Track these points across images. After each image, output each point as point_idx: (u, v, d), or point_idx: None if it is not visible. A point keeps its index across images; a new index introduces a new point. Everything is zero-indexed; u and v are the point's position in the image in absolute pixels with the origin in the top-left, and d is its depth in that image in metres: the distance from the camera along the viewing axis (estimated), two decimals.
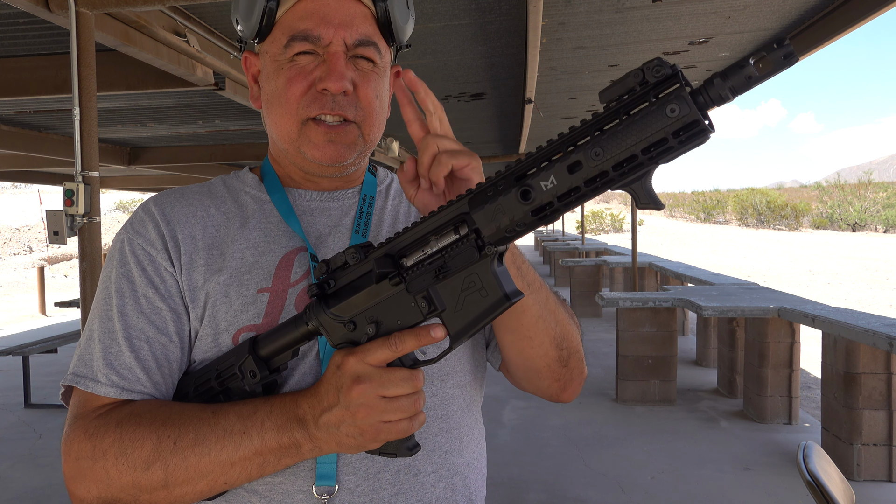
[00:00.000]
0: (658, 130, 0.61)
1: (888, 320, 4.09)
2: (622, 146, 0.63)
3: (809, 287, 16.12)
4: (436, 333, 0.75)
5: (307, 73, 0.90)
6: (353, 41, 0.90)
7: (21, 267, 23.14)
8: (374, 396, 0.75)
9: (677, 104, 0.60)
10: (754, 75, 0.59)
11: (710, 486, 4.07)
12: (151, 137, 7.48)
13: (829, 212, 43.29)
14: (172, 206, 0.94)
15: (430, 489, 0.91)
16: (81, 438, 0.83)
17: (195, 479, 0.81)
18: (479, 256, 0.73)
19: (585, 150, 0.64)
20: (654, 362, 5.79)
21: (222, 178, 1.03)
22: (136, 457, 0.81)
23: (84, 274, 2.96)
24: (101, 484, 0.82)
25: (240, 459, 0.80)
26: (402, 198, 1.07)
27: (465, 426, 0.97)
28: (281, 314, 0.89)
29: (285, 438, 0.79)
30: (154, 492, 0.81)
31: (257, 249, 0.93)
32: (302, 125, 0.91)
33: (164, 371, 0.88)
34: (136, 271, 0.90)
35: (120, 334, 0.88)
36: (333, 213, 0.99)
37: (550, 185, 0.67)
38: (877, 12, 3.70)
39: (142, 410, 0.84)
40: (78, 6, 2.81)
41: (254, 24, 0.91)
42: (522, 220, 0.69)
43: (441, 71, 5.06)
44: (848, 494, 1.79)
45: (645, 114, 0.61)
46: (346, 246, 0.94)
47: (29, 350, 6.20)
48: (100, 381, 0.86)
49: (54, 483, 4.35)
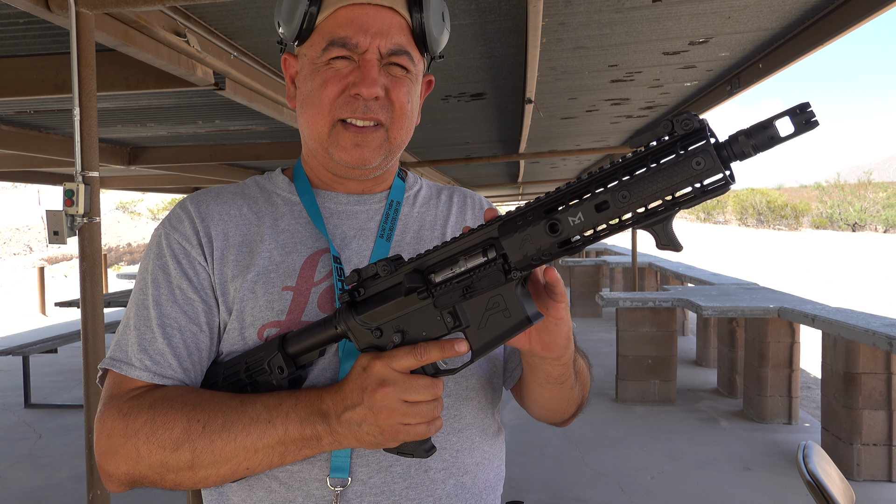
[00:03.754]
0: (683, 180, 0.65)
1: (888, 320, 4.09)
2: (648, 192, 0.67)
3: (809, 287, 16.12)
4: (460, 347, 0.81)
5: (342, 77, 0.94)
6: (387, 50, 0.94)
7: (21, 267, 23.14)
8: (397, 400, 0.80)
9: (703, 158, 0.64)
10: (777, 136, 0.63)
11: (710, 486, 4.07)
12: (151, 137, 7.47)
13: (829, 212, 43.29)
14: (208, 205, 1.00)
15: (440, 485, 0.94)
16: (115, 417, 0.88)
17: (220, 463, 0.85)
18: (505, 280, 0.78)
19: (613, 192, 0.68)
20: (654, 362, 5.79)
21: (255, 178, 1.08)
22: (166, 437, 0.85)
23: (84, 274, 2.96)
24: (130, 461, 0.86)
25: (263, 447, 0.84)
26: (429, 206, 1.10)
27: (478, 426, 1.00)
28: (304, 312, 0.94)
29: (307, 430, 0.84)
30: (180, 472, 0.86)
31: (284, 249, 0.97)
32: (332, 127, 0.95)
33: (193, 359, 0.93)
34: (172, 264, 0.95)
35: (154, 322, 0.93)
36: (360, 216, 1.03)
37: (578, 220, 0.71)
38: (877, 12, 3.70)
39: (174, 395, 0.89)
40: (78, 6, 2.81)
41: (295, 27, 0.95)
42: (549, 250, 0.74)
43: (441, 71, 5.06)
44: (848, 494, 1.79)
45: (672, 163, 0.65)
46: (370, 249, 0.99)
47: (29, 350, 6.20)
48: (134, 365, 0.91)
49: (54, 483, 4.35)
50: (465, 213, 1.11)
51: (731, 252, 27.67)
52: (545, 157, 11.12)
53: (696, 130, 0.65)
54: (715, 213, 49.11)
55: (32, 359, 6.64)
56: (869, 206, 42.62)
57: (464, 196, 1.14)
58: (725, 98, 6.27)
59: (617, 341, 5.91)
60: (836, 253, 27.40)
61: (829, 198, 45.46)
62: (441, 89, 5.71)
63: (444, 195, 1.13)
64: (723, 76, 5.93)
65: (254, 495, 0.93)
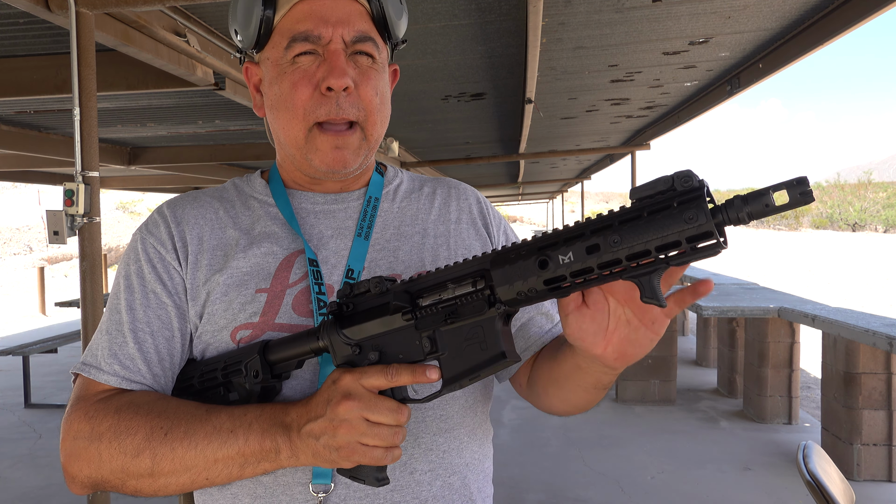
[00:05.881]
0: (674, 232, 0.66)
1: (888, 320, 4.09)
2: (639, 239, 0.67)
3: (809, 287, 16.12)
4: (430, 374, 0.80)
5: (311, 75, 0.92)
6: (350, 38, 0.92)
7: (21, 267, 23.14)
8: (359, 417, 0.78)
9: (696, 213, 0.65)
10: (771, 205, 0.64)
11: (710, 486, 4.07)
12: (151, 137, 7.48)
13: (829, 212, 43.30)
14: (184, 209, 1.00)
15: (426, 487, 0.93)
16: (81, 419, 0.88)
17: (179, 472, 0.84)
18: (487, 310, 0.78)
19: (605, 236, 0.69)
20: (654, 362, 5.79)
21: (234, 181, 1.07)
22: (128, 443, 0.85)
23: (84, 274, 2.96)
24: (93, 464, 0.86)
25: (223, 458, 0.84)
26: (410, 200, 1.06)
27: (466, 426, 0.98)
28: (277, 314, 0.92)
29: (267, 442, 0.83)
30: (140, 479, 0.85)
31: (260, 251, 0.96)
32: (309, 131, 0.93)
33: (164, 364, 0.93)
34: (147, 268, 0.95)
35: (126, 326, 0.92)
36: (338, 215, 1.01)
37: (567, 259, 0.71)
38: (877, 12, 3.70)
39: (140, 401, 0.88)
40: (78, 6, 2.81)
41: (252, 33, 0.93)
42: (535, 287, 0.74)
43: (441, 71, 5.06)
44: (848, 494, 1.79)
45: (665, 215, 0.66)
46: (348, 249, 0.97)
47: (29, 350, 6.20)
48: (103, 369, 0.91)
49: (54, 483, 4.36)
50: (448, 207, 1.07)
51: (732, 252, 27.68)
52: (545, 157, 11.13)
53: (695, 189, 0.66)
54: None
55: (32, 359, 6.64)
56: (869, 206, 42.63)
57: (448, 188, 1.10)
58: (725, 98, 6.28)
59: None
60: (836, 253, 27.40)
61: (829, 198, 45.47)
62: (441, 89, 5.71)
63: (428, 188, 1.09)
64: (723, 76, 5.93)
65: (239, 502, 0.92)
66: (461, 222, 1.06)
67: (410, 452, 0.93)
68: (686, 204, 0.65)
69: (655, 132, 9.25)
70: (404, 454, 0.92)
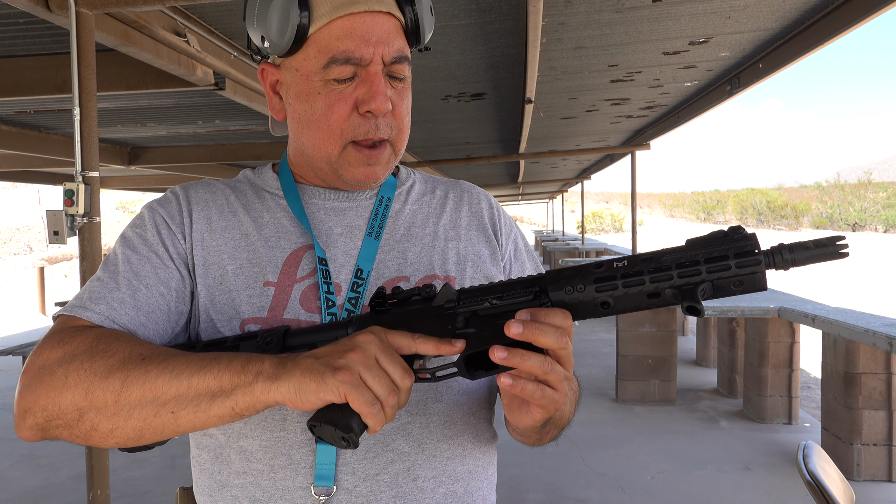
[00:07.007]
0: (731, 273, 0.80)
1: (888, 320, 4.09)
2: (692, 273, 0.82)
3: (809, 287, 16.12)
4: (456, 345, 0.79)
5: (347, 96, 0.90)
6: (390, 58, 0.90)
7: (21, 267, 23.15)
8: (373, 351, 0.74)
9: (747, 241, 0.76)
10: (813, 255, 0.74)
11: (710, 486, 4.07)
12: (151, 137, 7.48)
13: (829, 212, 43.32)
14: (196, 191, 0.99)
15: (429, 494, 0.91)
16: (55, 346, 0.80)
17: (145, 403, 0.76)
18: (532, 299, 0.79)
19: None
20: (654, 362, 5.79)
21: (245, 173, 1.06)
22: (100, 364, 0.77)
23: (84, 274, 2.96)
24: (53, 391, 0.77)
25: (197, 386, 0.75)
26: (422, 202, 1.05)
27: (470, 433, 0.96)
28: (285, 309, 0.91)
29: (252, 365, 0.75)
30: (100, 411, 0.77)
31: (268, 243, 0.95)
32: (343, 149, 0.92)
33: (154, 317, 0.88)
34: (152, 232, 0.93)
35: (121, 276, 0.89)
36: (348, 213, 0.99)
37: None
38: (877, 12, 3.70)
39: (125, 335, 0.83)
40: (78, 6, 2.81)
41: (287, 41, 0.89)
42: (588, 294, 0.78)
43: (441, 71, 5.06)
44: (848, 494, 1.79)
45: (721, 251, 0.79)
46: (358, 248, 0.96)
47: (29, 350, 6.21)
48: (88, 308, 0.86)
49: (54, 483, 4.36)
50: (460, 211, 1.06)
51: None
52: (545, 157, 11.12)
53: (748, 237, 0.76)
54: (715, 213, 49.09)
55: None
56: (869, 206, 42.64)
57: (461, 192, 1.09)
58: (725, 98, 6.27)
59: (617, 341, 5.91)
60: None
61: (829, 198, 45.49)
62: (441, 89, 5.71)
63: (440, 191, 1.08)
64: (723, 76, 5.93)
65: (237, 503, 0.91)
66: (471, 227, 1.05)
67: (414, 458, 0.90)
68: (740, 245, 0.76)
69: (655, 132, 9.26)
70: (407, 460, 0.90)
